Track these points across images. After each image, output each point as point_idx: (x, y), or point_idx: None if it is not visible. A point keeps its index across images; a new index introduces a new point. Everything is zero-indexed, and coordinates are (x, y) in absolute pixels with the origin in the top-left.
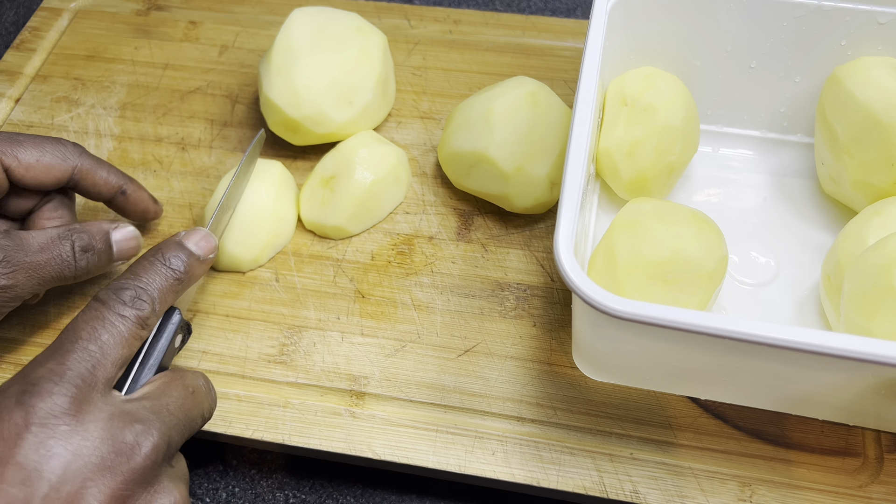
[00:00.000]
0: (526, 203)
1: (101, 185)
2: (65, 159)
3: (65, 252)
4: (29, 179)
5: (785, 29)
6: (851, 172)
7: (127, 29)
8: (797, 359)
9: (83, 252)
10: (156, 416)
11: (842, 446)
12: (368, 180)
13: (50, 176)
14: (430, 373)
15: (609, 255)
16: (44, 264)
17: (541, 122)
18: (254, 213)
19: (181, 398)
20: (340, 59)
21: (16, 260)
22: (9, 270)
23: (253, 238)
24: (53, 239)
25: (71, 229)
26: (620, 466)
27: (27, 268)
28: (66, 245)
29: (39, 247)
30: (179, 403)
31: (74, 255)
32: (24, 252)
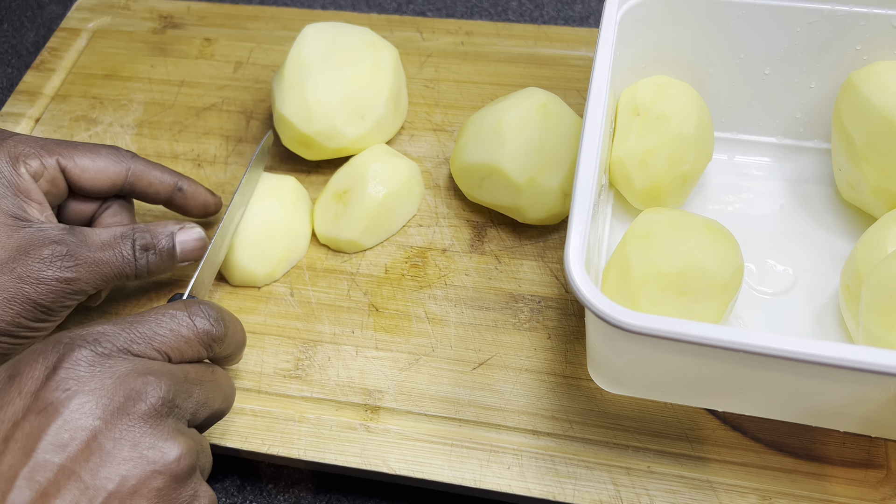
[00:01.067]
0: (539, 214)
1: (156, 184)
2: (118, 161)
3: (126, 250)
4: (85, 181)
5: (799, 34)
6: (869, 178)
7: (143, 47)
8: (816, 371)
9: (143, 251)
10: (169, 374)
11: (864, 458)
12: (381, 194)
13: (106, 178)
14: (444, 386)
15: (623, 266)
16: (105, 261)
17: (552, 134)
18: (268, 228)
19: (200, 370)
20: (352, 73)
21: (78, 254)
22: (72, 264)
23: (267, 253)
24: (116, 237)
25: (134, 228)
26: (637, 480)
27: (90, 263)
28: (128, 243)
29: (102, 243)
30: (196, 374)
31: (135, 253)
32: (86, 248)
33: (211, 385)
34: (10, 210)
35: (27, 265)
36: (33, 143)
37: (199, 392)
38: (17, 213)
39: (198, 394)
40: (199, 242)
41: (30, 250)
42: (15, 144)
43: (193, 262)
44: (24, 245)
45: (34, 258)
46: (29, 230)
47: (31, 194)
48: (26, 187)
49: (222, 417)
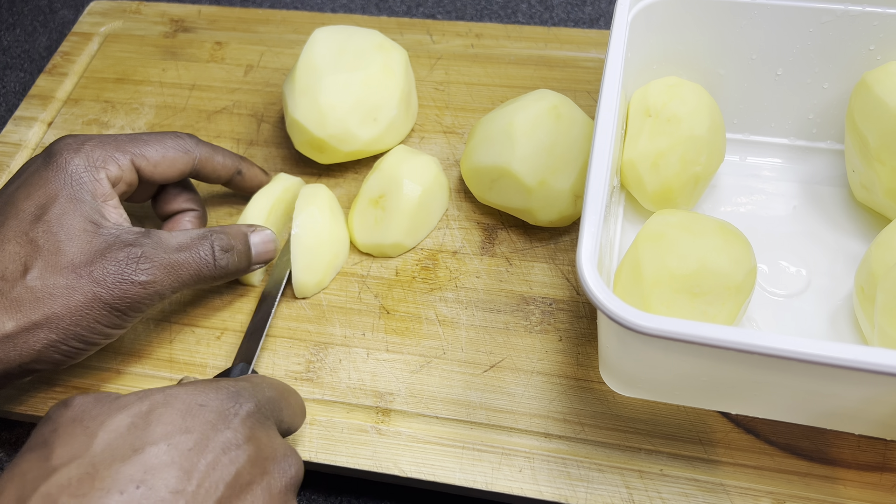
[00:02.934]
0: (550, 217)
1: (220, 169)
2: (186, 151)
3: (204, 251)
4: (157, 175)
5: (811, 35)
6: (883, 180)
7: (155, 51)
8: (830, 374)
9: (223, 252)
10: (253, 388)
11: (879, 461)
12: (417, 192)
13: (175, 169)
14: (455, 389)
15: (635, 268)
16: (183, 263)
17: (563, 136)
18: (314, 236)
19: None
20: (363, 76)
21: (154, 257)
22: (147, 266)
23: (316, 261)
24: (193, 239)
25: (211, 230)
26: (650, 483)
27: (166, 265)
28: (206, 245)
29: (178, 245)
30: (275, 392)
31: (214, 254)
32: (162, 250)
33: (282, 400)
34: (90, 216)
35: (103, 268)
36: (108, 145)
37: (277, 407)
38: (95, 219)
39: (276, 410)
40: (272, 244)
41: (106, 254)
42: (93, 149)
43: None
44: (100, 249)
45: (110, 261)
46: (106, 234)
47: (108, 199)
48: (105, 192)
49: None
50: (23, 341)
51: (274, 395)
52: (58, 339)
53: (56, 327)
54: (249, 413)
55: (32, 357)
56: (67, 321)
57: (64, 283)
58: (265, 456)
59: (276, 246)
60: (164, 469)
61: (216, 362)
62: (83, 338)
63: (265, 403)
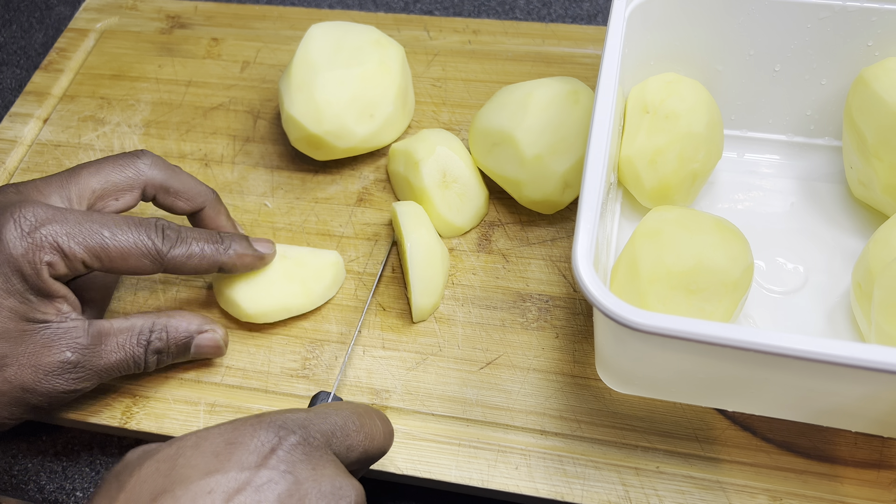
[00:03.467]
0: (535, 195)
1: (193, 271)
2: (153, 260)
3: (137, 354)
4: (111, 271)
5: (809, 31)
6: (881, 176)
7: (151, 48)
8: (828, 371)
9: (154, 353)
10: (357, 486)
11: (877, 459)
12: (468, 157)
13: (134, 272)
14: (451, 386)
15: (632, 264)
16: (114, 365)
17: (574, 121)
18: (428, 258)
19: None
20: (360, 72)
21: (89, 364)
22: (80, 375)
23: (433, 284)
24: (132, 338)
25: (153, 329)
26: (646, 480)
27: (98, 370)
28: (141, 349)
29: (116, 346)
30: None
31: (146, 357)
32: (98, 355)
33: (363, 499)
34: (26, 314)
35: (35, 378)
36: (60, 234)
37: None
38: (33, 317)
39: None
40: (216, 349)
41: (41, 361)
42: (42, 240)
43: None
44: (35, 353)
45: (42, 371)
46: (45, 332)
47: (53, 293)
48: (48, 289)
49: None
50: None
51: (341, 422)
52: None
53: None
54: (294, 446)
55: None
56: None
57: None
58: (304, 491)
59: (222, 349)
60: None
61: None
62: (4, 425)
63: (324, 433)
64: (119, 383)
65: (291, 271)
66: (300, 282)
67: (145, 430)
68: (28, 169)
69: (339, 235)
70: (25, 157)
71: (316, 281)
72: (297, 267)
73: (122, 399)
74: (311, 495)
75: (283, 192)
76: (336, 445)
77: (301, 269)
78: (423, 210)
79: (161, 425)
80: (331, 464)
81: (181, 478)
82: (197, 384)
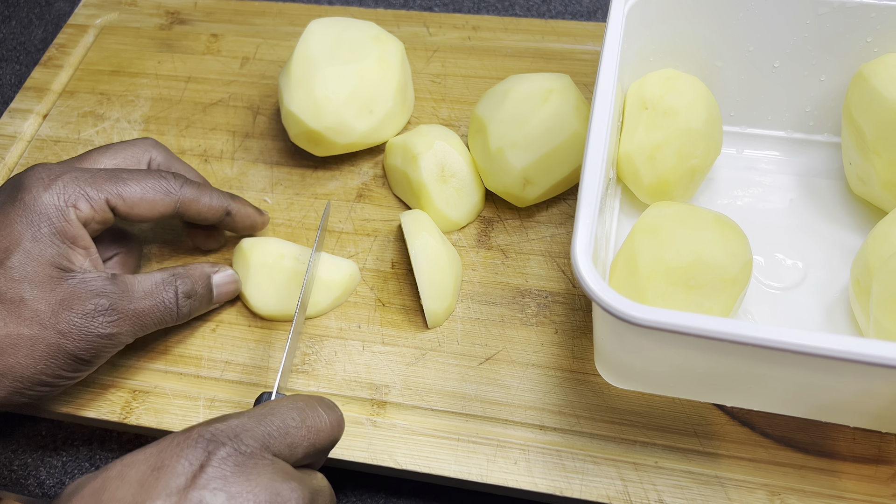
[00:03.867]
0: (496, 187)
1: (205, 211)
2: (167, 193)
3: (168, 299)
4: (134, 216)
5: (808, 27)
6: (880, 172)
7: (150, 43)
8: (826, 366)
9: (186, 298)
10: (303, 482)
11: (875, 454)
12: (466, 151)
13: (154, 211)
14: (451, 381)
15: (630, 260)
16: (147, 311)
17: (539, 119)
18: (435, 264)
19: (320, 479)
20: (359, 68)
21: (121, 307)
22: (113, 318)
23: (443, 289)
24: (157, 284)
25: (175, 274)
26: (645, 475)
27: (132, 315)
28: (170, 291)
29: (144, 293)
30: (318, 482)
31: (177, 301)
32: (128, 299)
33: (327, 492)
34: (55, 260)
35: (69, 320)
36: (81, 182)
37: (321, 501)
38: (61, 263)
39: (320, 502)
40: (234, 285)
41: (73, 304)
42: (64, 186)
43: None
44: (67, 298)
45: (76, 313)
46: (72, 281)
47: (78, 241)
48: (74, 234)
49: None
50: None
51: (279, 422)
52: (23, 387)
53: (19, 376)
54: (224, 459)
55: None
56: (31, 370)
57: (28, 333)
58: (243, 500)
59: (238, 286)
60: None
61: (211, 354)
62: (47, 383)
63: (259, 438)
64: (118, 378)
65: (301, 279)
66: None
67: (145, 426)
68: (28, 164)
69: (338, 231)
70: (25, 153)
71: (325, 293)
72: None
73: (122, 394)
74: (258, 502)
75: (282, 188)
76: (276, 447)
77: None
78: (427, 216)
79: (161, 420)
80: (268, 470)
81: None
82: (196, 379)
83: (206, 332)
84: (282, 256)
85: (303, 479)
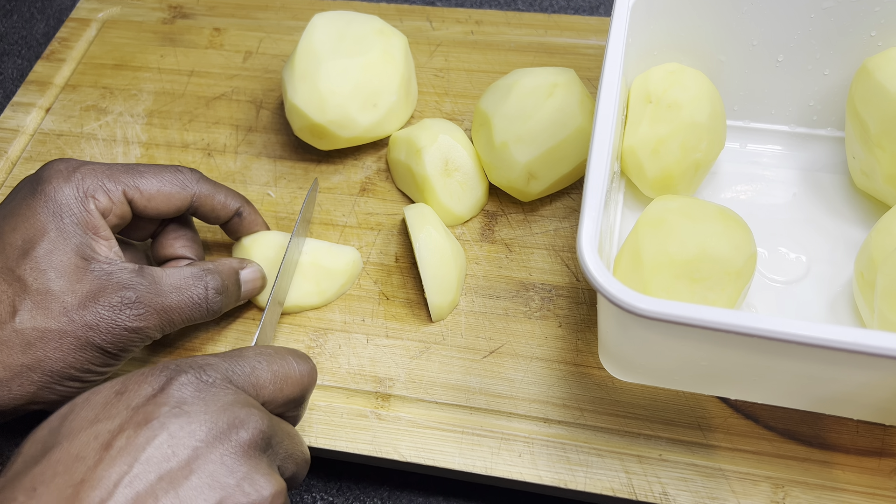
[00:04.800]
0: (500, 180)
1: (219, 208)
2: (184, 187)
3: (197, 294)
4: (151, 210)
5: (813, 21)
6: (884, 166)
7: (153, 37)
8: (830, 357)
9: (216, 294)
10: (267, 413)
11: (878, 447)
12: (469, 146)
13: (171, 205)
14: (455, 374)
15: (635, 253)
16: (175, 306)
17: (543, 114)
18: (439, 258)
19: (286, 423)
20: (363, 62)
21: (148, 301)
22: (141, 312)
23: (447, 283)
24: (187, 279)
25: (205, 270)
26: (649, 468)
27: (159, 309)
28: (200, 287)
29: (172, 287)
30: (285, 426)
31: (207, 297)
32: (156, 293)
33: (297, 440)
34: (80, 250)
35: (97, 313)
36: (99, 174)
37: (288, 443)
38: (86, 254)
39: (287, 444)
40: (260, 281)
41: (99, 296)
42: (83, 178)
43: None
44: (94, 290)
45: (104, 305)
46: (98, 272)
47: (99, 231)
48: (95, 224)
49: (296, 486)
50: (16, 385)
51: (244, 361)
52: (52, 381)
53: (49, 370)
54: (184, 384)
55: (27, 399)
56: (60, 364)
57: (56, 326)
58: (198, 424)
59: (264, 282)
60: (61, 472)
61: (215, 348)
62: (77, 377)
63: (222, 371)
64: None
65: (305, 269)
66: (314, 281)
67: None
68: (31, 158)
69: (342, 225)
70: (28, 147)
71: (330, 281)
72: (311, 266)
73: None
74: (204, 427)
75: (286, 182)
76: (240, 383)
77: (315, 270)
78: (431, 210)
79: None
80: (229, 397)
81: (69, 431)
82: None
83: (210, 325)
84: (284, 249)
85: (267, 412)
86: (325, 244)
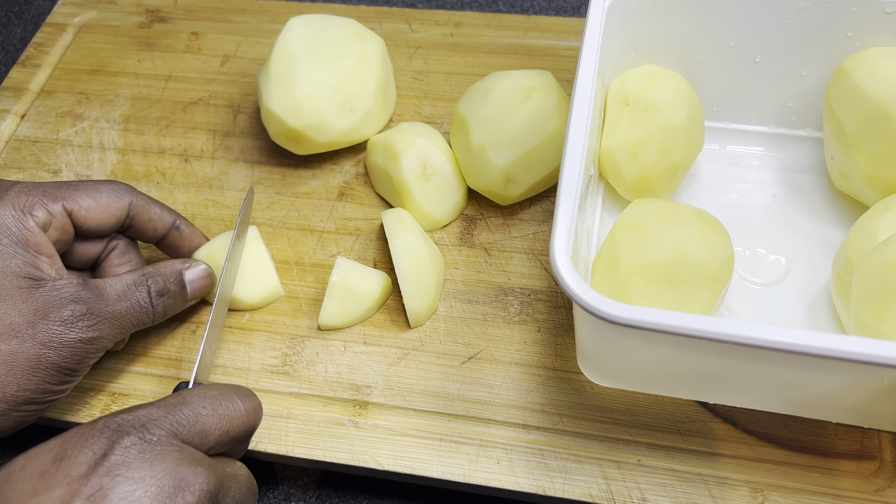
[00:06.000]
0: (479, 185)
1: (156, 220)
2: (119, 196)
3: (142, 299)
4: (91, 222)
5: (789, 21)
6: (861, 167)
7: (130, 42)
8: (807, 362)
9: (159, 296)
10: (213, 467)
11: (857, 450)
12: (447, 150)
13: (109, 215)
14: (433, 381)
15: (612, 257)
16: (123, 313)
17: (520, 117)
18: (416, 263)
19: (234, 465)
20: (339, 66)
21: (98, 311)
22: (93, 322)
23: (424, 288)
24: (129, 286)
25: (145, 274)
26: (628, 473)
27: (110, 317)
28: (143, 291)
29: (117, 295)
30: (232, 469)
31: (151, 300)
32: (104, 302)
33: (243, 480)
34: (22, 270)
35: (48, 329)
36: (35, 191)
37: (235, 489)
38: (29, 273)
39: (234, 490)
40: (207, 280)
41: (49, 313)
42: (17, 195)
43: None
44: (41, 308)
45: (54, 321)
46: (44, 289)
47: (41, 248)
48: (36, 241)
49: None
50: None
51: (188, 410)
52: (7, 408)
53: (2, 396)
54: (127, 448)
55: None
56: (13, 388)
57: (6, 349)
58: (143, 491)
59: (213, 280)
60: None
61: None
62: (32, 400)
63: (166, 427)
64: (97, 381)
65: (333, 289)
66: (340, 303)
67: None
68: (5, 165)
69: (320, 230)
70: (2, 154)
71: (356, 304)
72: (339, 287)
73: (101, 397)
74: (150, 491)
75: (263, 187)
76: (185, 435)
77: (342, 291)
78: (409, 215)
79: None
80: (174, 456)
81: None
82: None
83: (186, 334)
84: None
85: (213, 465)
86: (356, 265)
